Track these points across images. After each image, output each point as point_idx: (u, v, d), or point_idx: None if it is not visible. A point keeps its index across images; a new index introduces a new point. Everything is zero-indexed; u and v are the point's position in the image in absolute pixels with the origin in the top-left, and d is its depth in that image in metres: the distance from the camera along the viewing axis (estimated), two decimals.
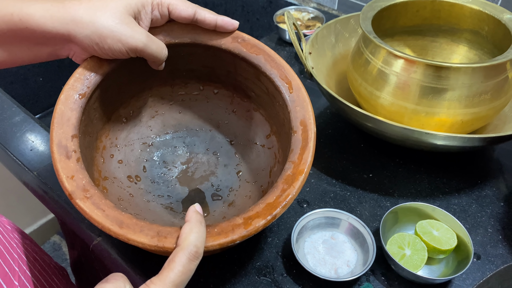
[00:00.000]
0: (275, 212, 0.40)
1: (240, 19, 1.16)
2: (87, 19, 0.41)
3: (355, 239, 0.53)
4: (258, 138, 0.57)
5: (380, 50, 0.59)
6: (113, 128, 0.54)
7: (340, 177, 0.61)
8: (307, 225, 0.53)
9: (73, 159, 0.41)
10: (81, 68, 0.45)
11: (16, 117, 0.69)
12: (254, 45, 0.50)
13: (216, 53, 0.52)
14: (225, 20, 0.49)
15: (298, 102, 0.48)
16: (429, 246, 0.50)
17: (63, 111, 0.43)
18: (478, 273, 0.51)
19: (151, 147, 0.58)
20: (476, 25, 0.66)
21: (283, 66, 0.50)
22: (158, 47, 0.46)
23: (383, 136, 0.59)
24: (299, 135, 0.45)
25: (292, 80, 0.49)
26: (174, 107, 0.59)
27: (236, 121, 0.59)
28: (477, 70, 0.54)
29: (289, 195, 0.41)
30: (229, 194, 0.55)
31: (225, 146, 0.59)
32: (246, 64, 0.51)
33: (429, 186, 0.60)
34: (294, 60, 0.85)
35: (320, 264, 0.51)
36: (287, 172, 0.43)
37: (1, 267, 0.49)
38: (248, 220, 0.39)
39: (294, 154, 0.44)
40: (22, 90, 1.13)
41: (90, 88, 0.45)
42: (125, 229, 0.37)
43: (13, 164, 0.63)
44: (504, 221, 0.56)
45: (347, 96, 0.68)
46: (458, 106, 0.56)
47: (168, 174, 0.57)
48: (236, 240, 0.38)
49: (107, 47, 0.43)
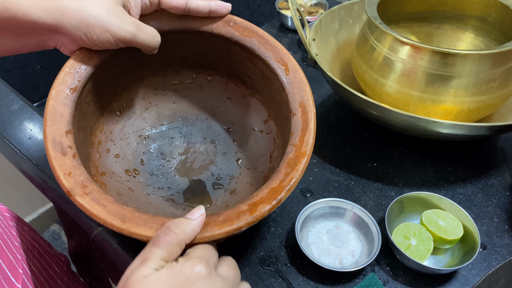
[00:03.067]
0: (279, 197, 0.39)
1: (241, 5, 1.14)
2: (74, 8, 0.40)
3: (360, 229, 0.52)
4: (256, 124, 0.56)
5: (386, 36, 0.58)
6: (107, 122, 0.52)
7: (344, 166, 0.61)
8: (311, 214, 0.52)
9: (69, 155, 0.40)
10: (71, 62, 0.44)
11: (14, 105, 0.68)
12: (247, 27, 0.49)
13: (208, 39, 0.50)
14: (218, 4, 0.48)
15: (296, 83, 0.46)
16: (435, 236, 0.50)
17: (55, 106, 0.41)
18: (484, 263, 0.50)
19: (147, 139, 0.56)
20: (483, 11, 0.65)
21: (278, 48, 0.48)
22: (149, 35, 0.45)
23: (388, 124, 0.58)
24: (298, 117, 0.44)
25: (288, 62, 0.47)
26: (167, 97, 0.58)
27: (232, 108, 0.58)
28: (485, 57, 0.53)
29: (292, 178, 0.40)
30: (230, 182, 0.54)
31: (222, 134, 0.58)
32: (240, 48, 0.50)
33: (434, 175, 0.60)
34: (297, 47, 0.83)
35: (324, 254, 0.50)
36: (289, 155, 0.42)
37: (6, 255, 0.48)
38: (253, 206, 0.38)
39: (295, 137, 0.43)
40: (19, 77, 1.11)
41: (81, 82, 0.44)
42: (128, 223, 0.36)
43: (12, 153, 0.62)
44: (510, 210, 0.56)
45: (352, 84, 0.66)
46: (465, 94, 0.55)
47: (166, 166, 0.56)
48: (242, 227, 0.37)
49: (95, 37, 0.42)
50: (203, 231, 0.37)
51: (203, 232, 0.37)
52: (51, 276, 0.57)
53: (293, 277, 0.49)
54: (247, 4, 1.13)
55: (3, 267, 0.44)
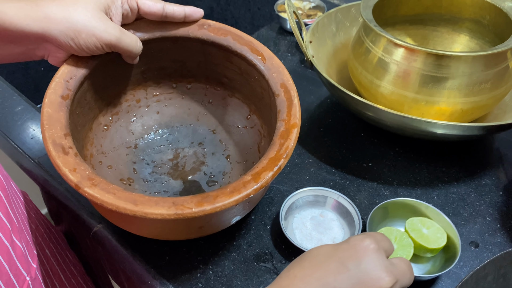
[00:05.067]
0: (279, 163, 0.41)
1: (241, 8, 1.15)
2: (60, 15, 0.42)
3: (344, 218, 0.54)
4: (239, 121, 0.58)
5: (380, 38, 0.59)
6: (96, 136, 0.54)
7: (339, 166, 0.62)
8: (297, 202, 0.54)
9: (71, 154, 0.41)
10: (60, 72, 0.46)
11: (18, 106, 0.70)
12: (221, 28, 0.52)
13: (185, 44, 0.53)
14: (192, 9, 0.51)
15: (274, 69, 0.49)
16: (415, 243, 0.50)
17: (50, 113, 0.43)
18: (475, 261, 0.51)
19: (136, 150, 0.58)
20: (477, 14, 0.66)
21: (252, 41, 0.51)
22: (132, 40, 0.47)
23: (383, 125, 0.59)
24: (282, 97, 0.47)
25: (264, 52, 0.50)
26: (151, 108, 0.60)
27: (214, 111, 0.60)
28: (478, 59, 0.54)
29: (288, 147, 0.43)
30: (223, 177, 0.56)
31: (208, 136, 0.60)
32: (216, 49, 0.52)
33: (428, 175, 0.61)
34: (295, 49, 0.85)
35: (306, 239, 0.52)
36: (280, 129, 0.45)
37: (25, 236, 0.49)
38: (256, 175, 0.40)
39: (282, 113, 0.46)
40: (23, 79, 1.13)
41: (72, 91, 0.46)
42: (140, 205, 0.37)
43: (14, 152, 0.63)
44: (502, 210, 0.56)
45: (348, 85, 0.68)
46: (458, 95, 0.56)
47: (159, 172, 0.57)
48: (250, 194, 0.39)
49: (82, 42, 0.43)
50: (213, 202, 0.38)
51: (213, 202, 0.38)
52: (65, 261, 0.59)
53: None
54: (247, 7, 1.14)
55: (22, 248, 0.45)
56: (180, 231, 0.47)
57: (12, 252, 0.42)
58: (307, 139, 0.65)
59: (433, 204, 0.57)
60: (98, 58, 0.48)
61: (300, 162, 0.62)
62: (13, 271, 0.42)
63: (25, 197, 0.58)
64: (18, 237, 0.44)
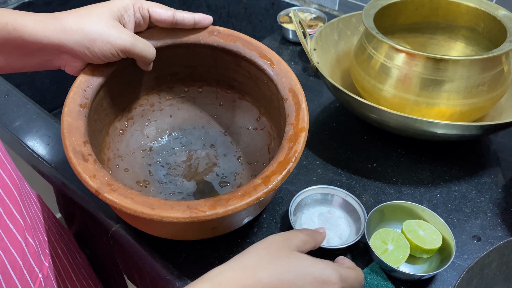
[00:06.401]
0: (288, 167, 0.43)
1: (243, 20, 1.19)
2: (76, 26, 0.44)
3: (351, 216, 0.56)
4: (249, 123, 0.61)
5: (382, 45, 0.62)
6: (113, 140, 0.56)
7: (345, 167, 0.64)
8: (305, 199, 0.57)
9: (91, 161, 0.43)
10: (78, 82, 0.48)
11: (32, 114, 0.72)
12: (230, 34, 0.54)
13: (196, 50, 0.55)
14: (202, 15, 0.53)
15: (282, 73, 0.51)
16: (412, 244, 0.51)
17: (70, 122, 0.45)
18: (479, 254, 0.53)
19: (151, 153, 0.60)
20: (472, 22, 0.70)
21: (261, 47, 0.53)
22: (146, 45, 0.49)
23: (385, 126, 0.62)
24: (290, 101, 0.49)
25: (272, 57, 0.52)
26: (164, 112, 0.62)
27: (225, 113, 0.63)
28: (475, 63, 0.58)
29: (296, 150, 0.44)
30: (235, 178, 0.58)
31: (220, 138, 0.62)
32: (226, 54, 0.54)
33: (430, 174, 0.63)
34: (298, 58, 0.88)
35: None
36: (288, 133, 0.46)
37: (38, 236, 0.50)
38: (266, 179, 0.42)
39: (291, 117, 0.48)
40: (29, 91, 1.15)
41: (89, 99, 0.48)
42: (157, 209, 0.39)
43: (32, 158, 0.65)
44: (502, 206, 0.59)
45: (351, 91, 0.70)
46: (457, 97, 0.59)
47: (173, 174, 0.59)
48: (260, 197, 0.41)
49: (97, 49, 0.46)
50: (226, 205, 0.40)
51: (226, 206, 0.40)
52: (76, 263, 0.60)
53: None
54: (249, 20, 1.18)
55: (35, 246, 0.47)
56: (194, 232, 0.49)
57: (25, 249, 0.44)
58: (313, 142, 0.68)
59: (436, 201, 0.59)
60: (113, 66, 0.51)
61: (308, 164, 0.65)
62: (26, 267, 0.43)
63: (39, 199, 0.59)
64: (31, 235, 0.46)
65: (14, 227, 0.42)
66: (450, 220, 0.57)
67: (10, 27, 0.43)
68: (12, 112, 0.72)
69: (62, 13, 0.46)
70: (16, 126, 0.69)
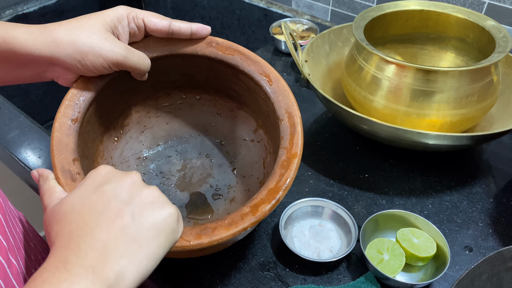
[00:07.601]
0: (278, 196, 0.42)
1: (236, 32, 1.20)
2: (67, 38, 0.43)
3: (342, 228, 0.56)
4: (246, 134, 0.60)
5: (372, 56, 0.62)
6: (107, 148, 0.56)
7: (337, 177, 0.64)
8: (296, 212, 0.56)
9: (79, 181, 0.42)
10: (70, 94, 0.47)
11: (24, 127, 0.72)
12: (229, 46, 0.53)
13: (194, 60, 0.54)
14: (199, 26, 0.51)
15: (279, 92, 0.50)
16: (407, 252, 0.51)
17: (59, 138, 0.44)
18: (470, 265, 0.53)
19: (146, 161, 0.60)
20: (462, 32, 0.70)
21: (259, 62, 0.52)
22: (140, 58, 0.47)
23: (377, 137, 0.62)
24: (286, 123, 0.48)
25: (270, 73, 0.51)
26: (161, 119, 0.61)
27: (222, 122, 0.62)
28: (464, 73, 0.58)
29: (287, 178, 0.44)
30: (229, 191, 0.58)
31: (216, 148, 0.62)
32: (224, 66, 0.53)
33: (422, 184, 0.64)
34: (290, 69, 0.88)
35: (304, 247, 0.54)
36: (281, 158, 0.45)
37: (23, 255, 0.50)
38: (255, 207, 0.41)
39: (285, 140, 0.47)
40: (23, 103, 1.15)
41: (81, 113, 0.47)
42: None
43: (23, 171, 0.65)
44: (493, 216, 0.59)
45: (342, 102, 0.71)
46: (447, 107, 0.60)
47: (167, 184, 0.59)
48: (247, 228, 0.40)
49: (89, 63, 0.45)
50: (211, 235, 0.39)
51: (211, 236, 0.39)
52: None
53: (292, 280, 0.52)
54: (242, 31, 1.19)
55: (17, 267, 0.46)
56: (182, 254, 0.48)
57: (8, 270, 0.43)
58: (305, 152, 0.68)
59: (428, 211, 0.59)
60: (107, 77, 0.50)
61: (300, 175, 0.65)
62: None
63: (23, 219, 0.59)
64: (14, 256, 0.45)
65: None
66: (442, 231, 0.57)
67: (1, 40, 0.43)
68: (5, 125, 0.72)
69: (53, 25, 0.45)
70: (8, 139, 0.69)
